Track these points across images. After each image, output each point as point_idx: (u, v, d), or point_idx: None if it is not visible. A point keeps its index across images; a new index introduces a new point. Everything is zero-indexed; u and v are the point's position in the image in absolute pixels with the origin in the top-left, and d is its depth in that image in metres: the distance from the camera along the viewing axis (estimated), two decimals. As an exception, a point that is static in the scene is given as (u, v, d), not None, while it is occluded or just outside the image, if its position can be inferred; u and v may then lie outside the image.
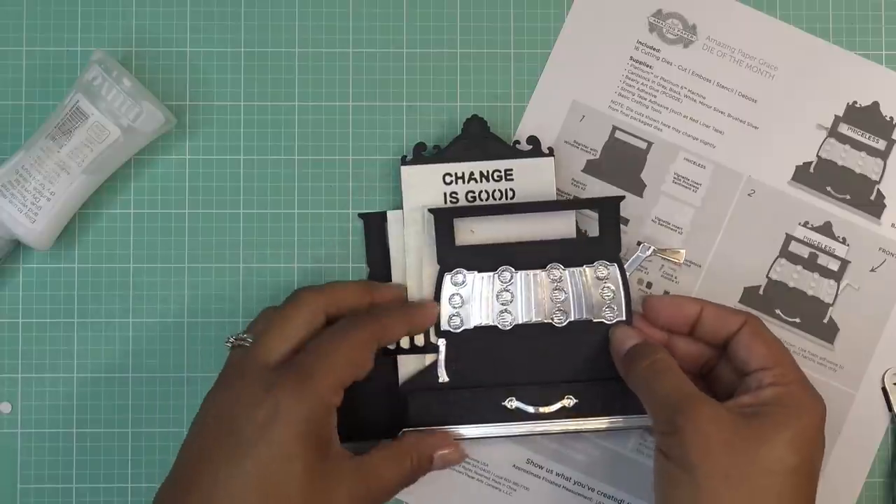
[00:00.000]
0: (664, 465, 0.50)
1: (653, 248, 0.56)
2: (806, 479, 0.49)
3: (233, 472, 0.46)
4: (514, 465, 0.57)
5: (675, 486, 0.49)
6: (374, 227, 0.58)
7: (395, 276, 0.57)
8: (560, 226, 0.56)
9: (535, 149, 0.57)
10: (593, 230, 0.57)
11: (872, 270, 0.58)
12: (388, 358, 0.55)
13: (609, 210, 0.56)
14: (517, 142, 0.57)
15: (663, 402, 0.50)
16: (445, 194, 0.57)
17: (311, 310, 0.51)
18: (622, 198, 0.56)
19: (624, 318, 0.55)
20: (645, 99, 0.58)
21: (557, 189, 0.57)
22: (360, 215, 0.58)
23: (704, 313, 0.54)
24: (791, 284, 0.58)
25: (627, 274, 0.56)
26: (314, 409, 0.48)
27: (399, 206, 0.57)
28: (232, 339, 0.52)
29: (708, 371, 0.55)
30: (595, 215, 0.56)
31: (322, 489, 0.48)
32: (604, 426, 0.55)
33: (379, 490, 0.51)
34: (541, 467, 0.57)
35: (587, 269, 0.55)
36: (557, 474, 0.57)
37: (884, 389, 0.57)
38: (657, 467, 0.50)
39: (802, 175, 0.58)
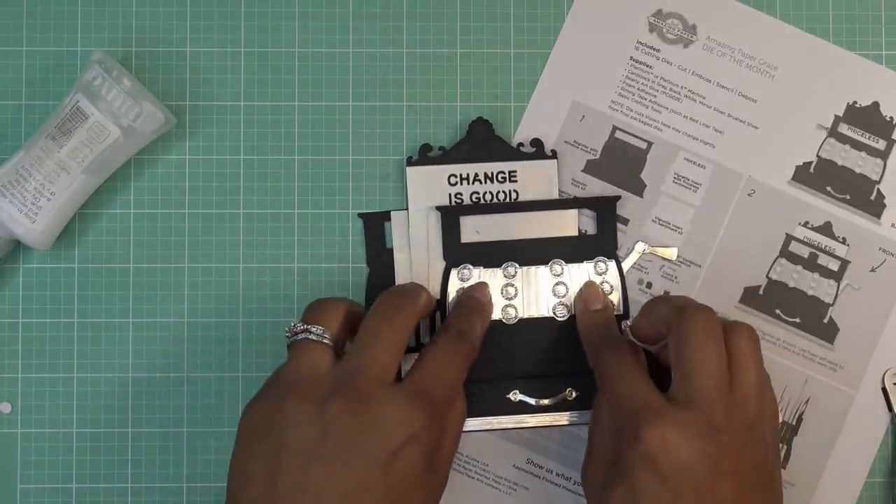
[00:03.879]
0: None
1: (646, 245, 0.57)
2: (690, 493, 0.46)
3: (365, 493, 0.46)
4: (514, 465, 0.57)
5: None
6: (374, 227, 0.58)
7: (400, 276, 0.57)
8: (562, 226, 0.57)
9: (539, 151, 0.57)
10: (592, 230, 0.57)
11: (872, 270, 0.58)
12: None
13: (606, 209, 0.57)
14: (521, 143, 0.57)
15: None
16: (450, 195, 0.57)
17: (413, 323, 0.51)
18: (618, 197, 0.57)
19: (622, 311, 0.56)
20: (645, 99, 0.58)
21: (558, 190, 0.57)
22: (360, 215, 0.58)
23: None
24: (791, 284, 0.58)
25: (624, 270, 0.57)
26: (438, 434, 0.49)
27: (400, 206, 0.58)
28: (295, 328, 0.50)
29: None
30: (594, 215, 0.57)
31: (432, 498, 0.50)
32: None
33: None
34: (541, 467, 0.57)
35: (587, 265, 0.57)
36: (557, 474, 0.57)
37: (884, 389, 0.57)
38: None
39: (802, 175, 0.58)
